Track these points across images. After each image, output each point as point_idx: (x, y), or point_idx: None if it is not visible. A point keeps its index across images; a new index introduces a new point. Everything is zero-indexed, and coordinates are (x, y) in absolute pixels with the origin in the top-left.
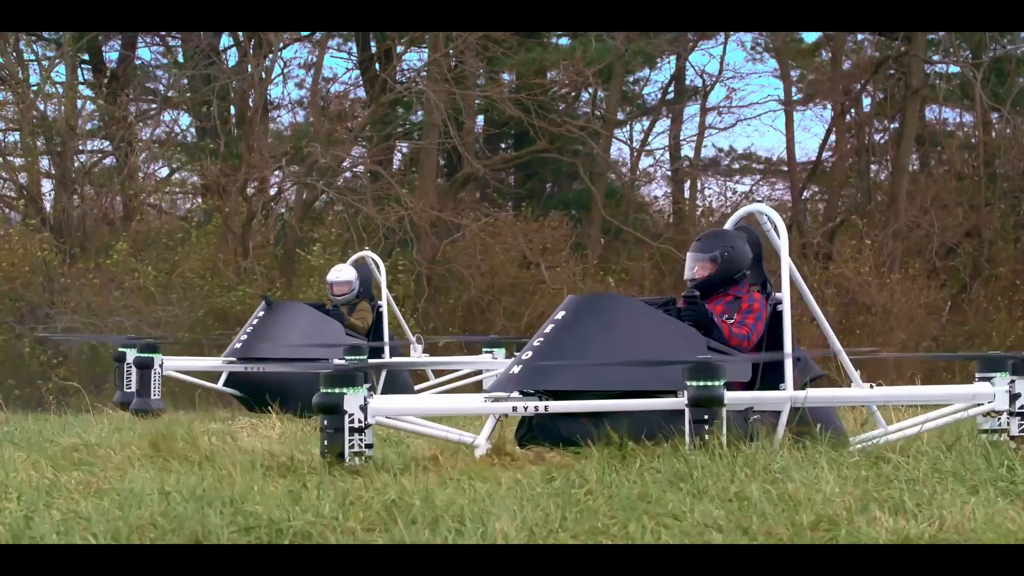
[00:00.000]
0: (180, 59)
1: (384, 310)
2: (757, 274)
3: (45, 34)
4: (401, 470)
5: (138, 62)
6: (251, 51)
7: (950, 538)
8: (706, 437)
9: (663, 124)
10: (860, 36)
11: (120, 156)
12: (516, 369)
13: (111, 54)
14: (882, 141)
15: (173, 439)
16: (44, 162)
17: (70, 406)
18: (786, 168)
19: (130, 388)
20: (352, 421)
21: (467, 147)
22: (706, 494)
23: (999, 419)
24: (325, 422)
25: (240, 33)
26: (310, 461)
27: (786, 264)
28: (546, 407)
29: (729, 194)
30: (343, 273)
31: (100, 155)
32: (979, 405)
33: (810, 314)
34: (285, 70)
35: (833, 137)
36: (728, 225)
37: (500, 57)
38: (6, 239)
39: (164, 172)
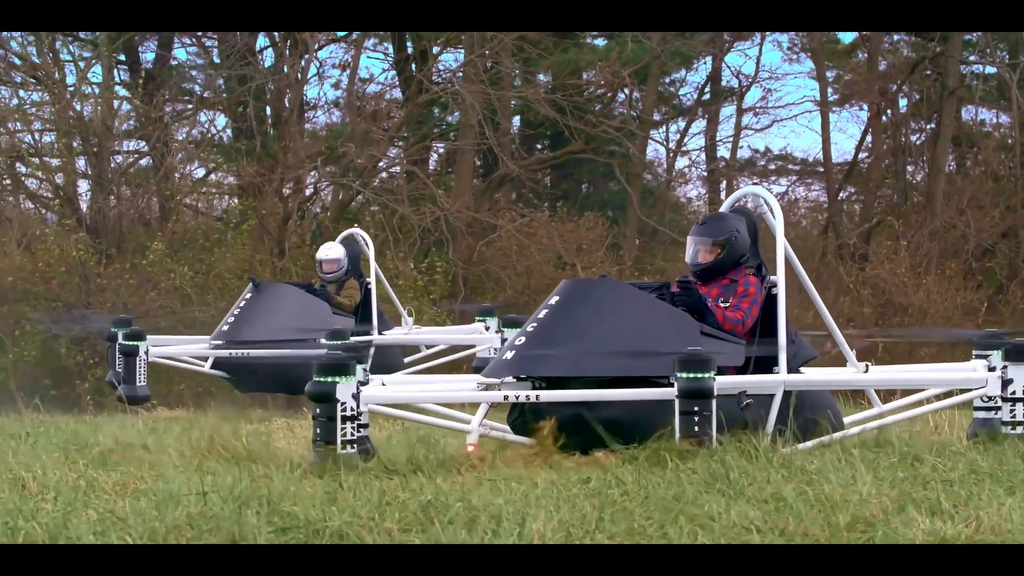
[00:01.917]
0: (216, 59)
1: (372, 287)
2: (752, 257)
3: (81, 34)
4: (436, 470)
5: (174, 62)
6: (287, 51)
7: (987, 539)
8: (695, 428)
9: (699, 125)
10: (896, 36)
11: (156, 156)
12: (509, 355)
13: (147, 54)
14: (918, 142)
15: (210, 441)
16: (80, 162)
17: (106, 406)
18: (822, 169)
19: (120, 369)
20: (344, 409)
21: (503, 148)
22: (742, 495)
23: (994, 401)
24: (318, 410)
25: (276, 33)
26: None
27: (781, 245)
28: (537, 396)
29: None
30: (332, 251)
31: (136, 155)
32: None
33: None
34: (321, 70)
35: (869, 138)
36: (724, 208)
37: (536, 58)
38: (42, 239)
39: (200, 172)
